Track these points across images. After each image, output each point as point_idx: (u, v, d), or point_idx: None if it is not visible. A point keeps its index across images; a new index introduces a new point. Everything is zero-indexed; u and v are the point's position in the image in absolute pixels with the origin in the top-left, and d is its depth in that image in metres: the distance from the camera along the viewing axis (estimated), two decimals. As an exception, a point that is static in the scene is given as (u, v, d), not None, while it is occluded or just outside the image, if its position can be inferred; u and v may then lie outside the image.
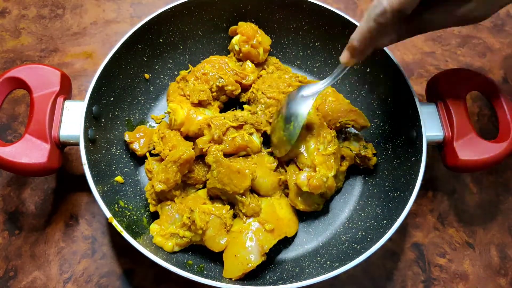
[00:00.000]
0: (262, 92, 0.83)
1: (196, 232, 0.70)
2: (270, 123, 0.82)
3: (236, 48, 0.89)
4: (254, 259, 0.70)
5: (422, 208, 0.87)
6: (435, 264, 0.82)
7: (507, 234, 0.85)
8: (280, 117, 0.76)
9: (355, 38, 0.59)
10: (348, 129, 0.85)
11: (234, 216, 0.76)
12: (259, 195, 0.77)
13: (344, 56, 0.63)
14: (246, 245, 0.71)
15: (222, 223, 0.71)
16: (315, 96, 0.71)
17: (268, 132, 0.81)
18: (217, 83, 0.84)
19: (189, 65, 0.90)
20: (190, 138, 0.82)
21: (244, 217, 0.74)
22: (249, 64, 0.89)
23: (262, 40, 0.89)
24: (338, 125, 0.81)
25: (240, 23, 0.89)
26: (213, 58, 0.87)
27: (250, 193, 0.75)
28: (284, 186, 0.79)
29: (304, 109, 0.72)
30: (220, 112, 0.86)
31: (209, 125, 0.78)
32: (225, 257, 0.72)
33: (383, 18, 0.54)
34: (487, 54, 1.05)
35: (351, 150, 0.81)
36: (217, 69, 0.85)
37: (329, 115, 0.81)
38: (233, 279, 0.69)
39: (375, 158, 0.82)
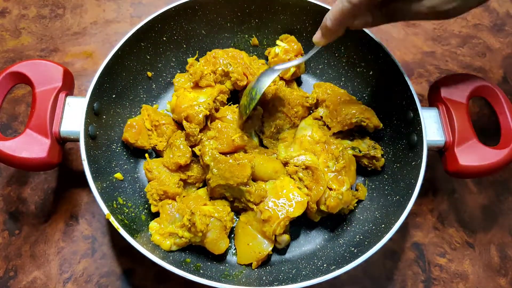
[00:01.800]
0: (273, 105, 0.83)
1: (196, 234, 0.70)
2: (273, 135, 0.83)
3: (277, 51, 0.88)
4: (265, 247, 0.73)
5: (422, 208, 0.87)
6: (435, 264, 0.82)
7: (507, 234, 0.85)
8: (249, 86, 0.79)
9: (328, 17, 0.61)
10: (356, 131, 0.86)
11: (242, 210, 0.77)
12: (263, 180, 0.77)
13: (316, 36, 0.66)
14: (255, 234, 0.74)
15: (223, 226, 0.72)
16: (282, 70, 0.77)
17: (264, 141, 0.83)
18: (224, 68, 0.83)
19: (197, 51, 0.91)
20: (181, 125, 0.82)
21: (254, 206, 0.74)
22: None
23: (300, 67, 0.90)
24: (354, 121, 0.81)
25: (292, 37, 0.89)
26: (230, 49, 0.88)
27: (253, 182, 0.76)
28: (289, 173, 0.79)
29: (267, 79, 0.75)
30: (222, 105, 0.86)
31: (187, 118, 0.78)
32: (237, 244, 0.75)
33: (357, 0, 0.55)
34: (487, 54, 1.05)
35: (359, 151, 0.81)
36: (229, 56, 0.85)
37: (344, 112, 0.81)
38: (253, 268, 0.73)
39: (383, 159, 0.82)
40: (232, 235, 0.78)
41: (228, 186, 0.74)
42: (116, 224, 0.66)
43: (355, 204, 0.80)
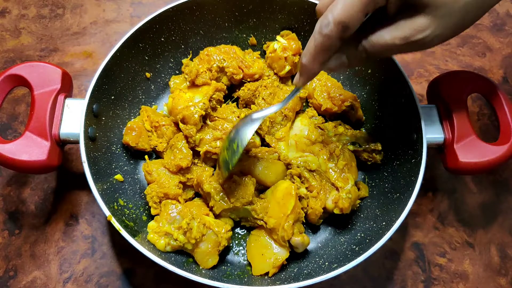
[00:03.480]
0: (263, 98, 0.84)
1: (189, 240, 0.70)
2: (270, 129, 0.83)
3: (275, 47, 0.88)
4: (281, 253, 0.72)
5: (422, 207, 0.86)
6: (435, 264, 0.82)
7: (507, 234, 0.85)
8: (227, 137, 0.74)
9: (302, 54, 0.58)
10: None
11: (251, 228, 0.77)
12: (266, 185, 0.77)
13: (295, 78, 0.62)
14: (269, 243, 0.73)
15: (217, 242, 0.71)
16: (261, 120, 0.70)
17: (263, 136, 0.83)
18: (219, 63, 0.84)
19: (190, 51, 0.91)
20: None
21: (263, 222, 0.74)
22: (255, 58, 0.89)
23: (297, 66, 0.89)
24: (347, 104, 0.84)
25: (293, 35, 0.89)
26: (223, 45, 0.88)
27: (256, 197, 0.75)
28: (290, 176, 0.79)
29: (249, 131, 0.69)
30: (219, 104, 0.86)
31: (183, 120, 0.78)
32: (250, 257, 0.74)
33: (327, 30, 0.53)
34: (487, 53, 1.05)
35: (359, 145, 0.81)
36: (222, 52, 0.86)
37: (338, 92, 0.85)
38: (270, 275, 0.71)
39: (382, 152, 0.83)
40: (227, 254, 0.77)
41: (233, 209, 0.73)
42: (117, 225, 0.66)
43: (359, 202, 0.80)
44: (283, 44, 0.88)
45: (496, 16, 1.11)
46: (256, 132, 0.82)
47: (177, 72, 0.92)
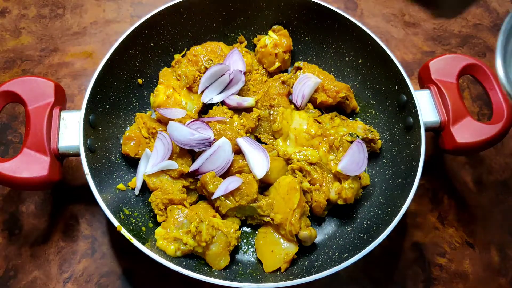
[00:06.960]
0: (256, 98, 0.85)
1: (199, 243, 0.70)
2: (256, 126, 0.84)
3: (266, 42, 0.88)
4: (290, 248, 0.72)
5: (422, 208, 0.86)
6: (435, 264, 0.82)
7: (507, 234, 0.85)
8: None
9: None
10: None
11: (257, 226, 0.77)
12: (269, 183, 0.78)
13: None
14: (278, 239, 0.73)
15: (227, 242, 0.71)
16: None
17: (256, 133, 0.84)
18: (206, 64, 0.84)
19: (185, 48, 0.91)
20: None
21: (269, 219, 0.74)
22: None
23: (286, 63, 0.90)
24: (342, 95, 0.84)
25: (285, 31, 0.89)
26: (209, 43, 0.88)
27: (259, 194, 0.76)
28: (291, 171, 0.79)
29: None
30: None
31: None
32: (260, 255, 0.74)
33: None
34: (487, 53, 1.05)
35: (357, 136, 0.81)
36: (208, 52, 0.86)
37: (333, 84, 0.85)
38: (282, 271, 0.71)
39: (380, 141, 0.83)
40: (236, 253, 0.77)
41: (239, 207, 0.74)
42: (128, 235, 0.65)
43: (362, 190, 0.81)
44: (275, 40, 0.88)
45: (496, 16, 1.11)
46: (250, 133, 0.83)
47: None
